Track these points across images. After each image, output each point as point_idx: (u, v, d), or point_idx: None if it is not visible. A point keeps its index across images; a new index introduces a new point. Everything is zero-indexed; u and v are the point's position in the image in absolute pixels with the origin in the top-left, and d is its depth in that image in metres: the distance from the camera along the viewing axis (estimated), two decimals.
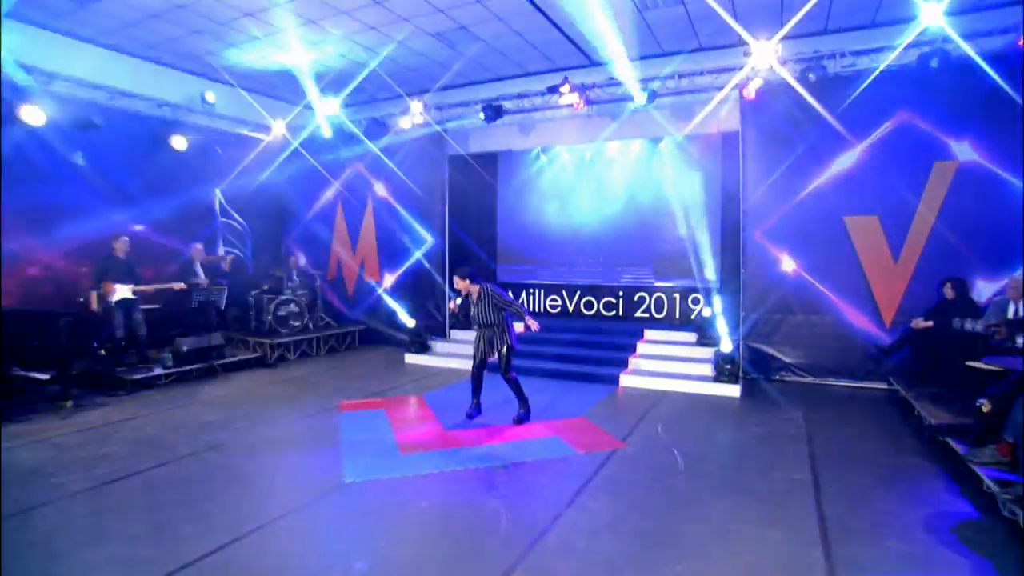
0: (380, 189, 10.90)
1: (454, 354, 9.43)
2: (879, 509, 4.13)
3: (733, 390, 7.27)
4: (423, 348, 9.66)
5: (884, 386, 7.40)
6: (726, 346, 7.47)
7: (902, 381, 6.90)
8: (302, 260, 11.40)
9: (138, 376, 7.37)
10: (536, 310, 10.60)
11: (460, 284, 5.89)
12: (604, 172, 10.27)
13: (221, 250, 10.47)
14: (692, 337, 8.65)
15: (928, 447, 5.36)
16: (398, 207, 10.67)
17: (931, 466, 4.92)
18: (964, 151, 6.84)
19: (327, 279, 11.45)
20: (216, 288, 8.58)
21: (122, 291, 7.39)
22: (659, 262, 9.81)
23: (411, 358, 9.56)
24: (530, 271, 10.86)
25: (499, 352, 6.02)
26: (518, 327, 6.16)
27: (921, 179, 7.07)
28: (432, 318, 10.36)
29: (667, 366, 8.04)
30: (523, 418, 6.24)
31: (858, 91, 7.11)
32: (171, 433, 5.76)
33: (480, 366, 6.21)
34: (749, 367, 7.95)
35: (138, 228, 9.03)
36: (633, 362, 8.29)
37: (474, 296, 5.96)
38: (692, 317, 9.43)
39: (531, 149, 10.83)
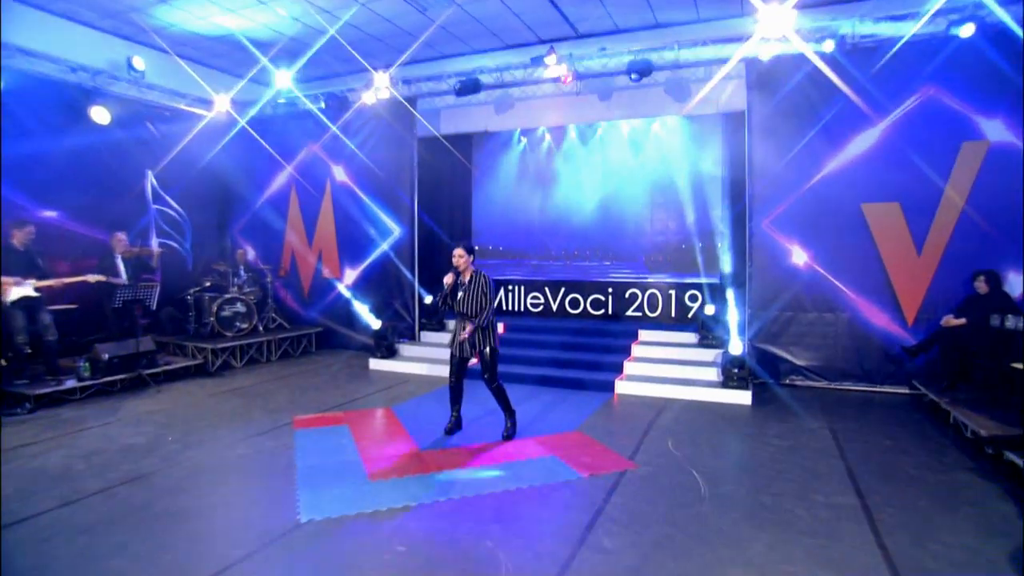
0: (340, 173, 10.08)
1: (425, 359, 8.72)
2: (951, 542, 3.61)
3: (743, 397, 6.79)
4: (390, 352, 8.91)
5: (905, 390, 7.06)
6: (735, 348, 6.96)
7: (930, 385, 6.51)
8: (251, 253, 10.50)
9: (44, 390, 6.41)
10: (516, 309, 9.99)
11: (460, 259, 5.25)
12: (591, 156, 9.71)
13: (154, 242, 9.48)
14: (692, 338, 8.18)
15: (977, 461, 4.92)
16: (361, 194, 9.88)
17: (990, 485, 4.46)
18: (996, 130, 6.49)
19: (279, 275, 10.56)
20: (145, 285, 7.63)
21: (20, 289, 6.41)
22: (653, 256, 9.31)
23: (376, 364, 8.80)
24: (509, 266, 10.25)
25: (482, 354, 5.33)
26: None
27: (948, 161, 6.71)
28: (400, 318, 9.60)
29: (667, 370, 7.55)
30: (511, 433, 5.59)
31: (880, 64, 6.72)
32: (81, 462, 4.88)
33: (459, 371, 5.56)
34: (756, 370, 7.49)
35: (49, 215, 8.00)
36: (629, 367, 7.74)
37: (466, 277, 5.28)
38: (689, 316, 8.98)
39: (510, 131, 10.20)
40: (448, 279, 5.34)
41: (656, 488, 4.47)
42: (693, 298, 9.00)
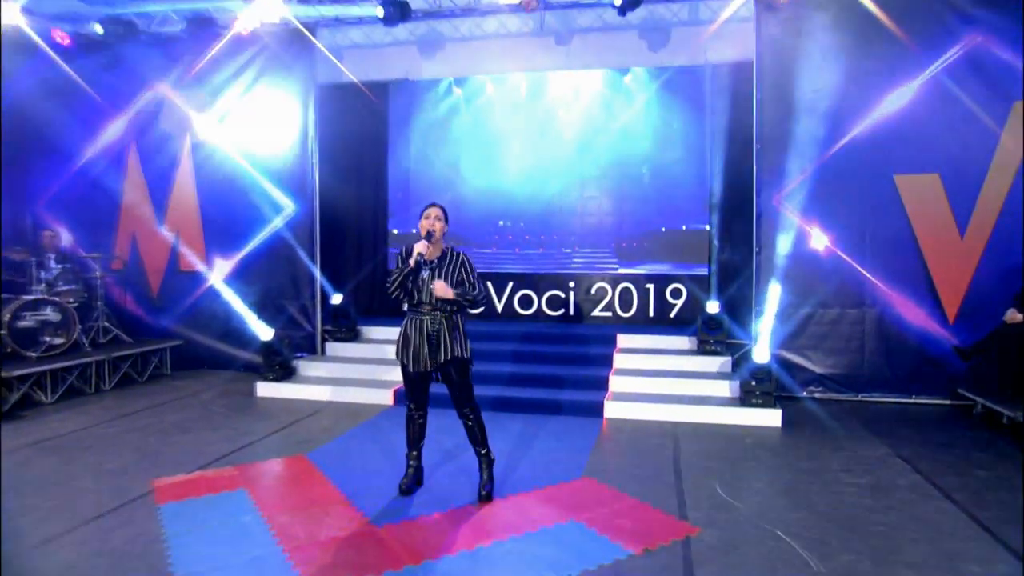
0: (206, 126, 8.15)
1: (335, 379, 7.17)
2: None
3: (771, 417, 6.02)
4: (286, 373, 7.20)
5: (946, 400, 6.61)
6: (760, 355, 6.10)
7: (986, 395, 6.00)
8: (65, 237, 8.22)
9: None
10: None
11: (437, 224, 4.10)
12: (546, 117, 8.63)
13: None
14: (687, 343, 7.38)
15: None
16: (237, 156, 8.03)
17: None
18: None
19: (113, 267, 8.40)
20: None
21: None
22: (626, 241, 8.37)
23: (267, 389, 7.07)
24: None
25: (451, 367, 4.10)
26: None
27: (996, 123, 6.28)
28: (297, 326, 7.89)
29: (664, 385, 6.67)
30: (491, 489, 4.29)
31: (916, 6, 6.16)
32: None
33: (421, 393, 4.28)
34: (785, 383, 6.83)
35: None
36: (615, 382, 6.74)
37: (436, 252, 4.11)
38: (672, 315, 8.26)
39: (439, 80, 8.83)
40: (420, 247, 3.96)
41: (746, 565, 3.42)
42: (676, 293, 8.25)
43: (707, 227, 8.12)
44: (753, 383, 6.13)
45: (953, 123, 6.36)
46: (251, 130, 8.01)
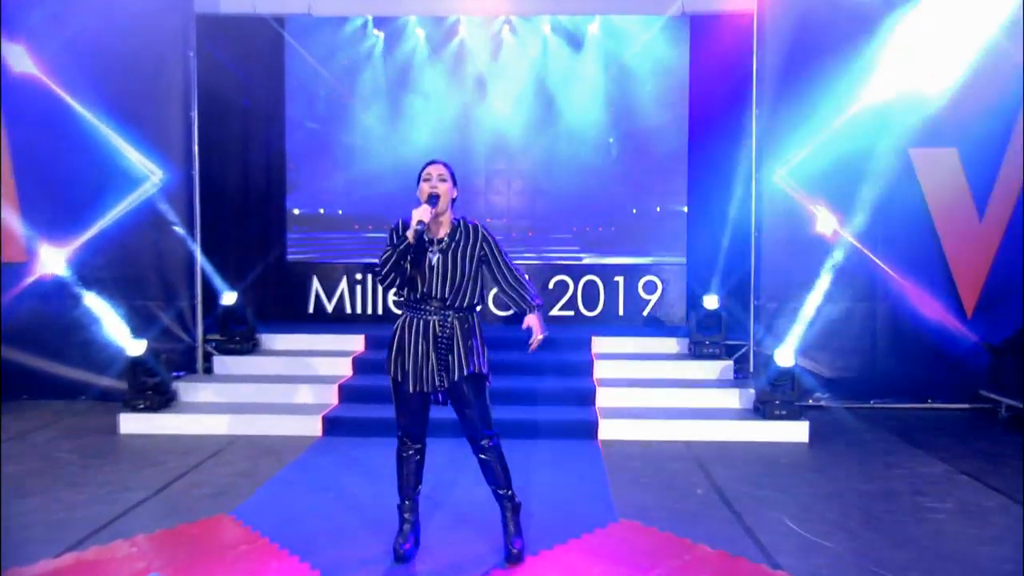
0: (24, 60, 6.72)
1: (237, 406, 6.23)
2: None
3: (796, 430, 5.88)
4: (162, 400, 6.05)
5: (965, 404, 6.79)
6: (785, 358, 5.85)
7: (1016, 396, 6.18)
8: None
9: None
10: (371, 311, 7.98)
11: (442, 185, 3.41)
12: (493, 72, 8.15)
13: None
14: (675, 345, 7.18)
15: None
16: (76, 105, 6.69)
17: None
18: None
19: None
20: None
21: None
22: (589, 227, 8.03)
23: (135, 423, 5.93)
24: (355, 242, 8.14)
25: (463, 384, 3.44)
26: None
27: (1017, 91, 6.45)
28: (170, 336, 6.70)
29: (659, 398, 6.38)
30: (522, 548, 3.62)
31: None
32: None
33: (421, 421, 3.59)
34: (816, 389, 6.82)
35: None
36: (603, 395, 6.30)
37: (441, 231, 3.45)
38: (645, 312, 8.08)
39: (353, 18, 8.01)
40: (421, 213, 3.24)
41: None
42: (651, 287, 8.02)
43: (685, 208, 7.93)
44: (772, 391, 5.91)
45: (974, 89, 6.44)
46: (99, 67, 6.70)
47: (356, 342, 6.96)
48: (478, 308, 3.58)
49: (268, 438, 5.70)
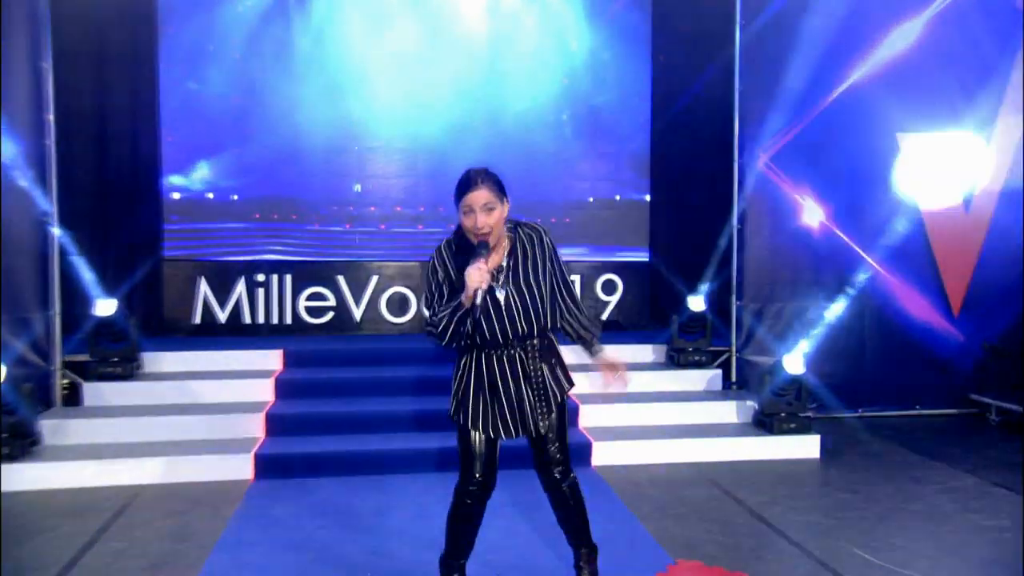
0: None
1: (127, 447, 5.43)
2: None
3: (807, 445, 5.97)
4: (22, 446, 5.18)
5: (952, 410, 7.17)
6: (795, 365, 5.92)
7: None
8: None
9: None
10: (279, 320, 7.57)
11: (480, 220, 2.98)
12: (423, 35, 7.78)
13: None
14: (650, 353, 7.14)
15: None
16: None
17: None
18: None
19: None
20: None
21: None
22: (541, 215, 7.80)
23: None
24: (255, 233, 7.62)
25: (549, 415, 3.20)
26: None
27: (1003, 74, 6.92)
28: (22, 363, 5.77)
29: (647, 414, 6.31)
30: None
31: None
32: None
33: (488, 458, 3.22)
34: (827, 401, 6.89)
35: None
36: (586, 413, 6.17)
37: (498, 257, 3.08)
38: (604, 316, 8.01)
39: None
40: (477, 276, 2.82)
41: None
42: (610, 287, 8.01)
43: (647, 197, 7.99)
44: (780, 402, 6.00)
45: (960, 68, 6.85)
46: None
47: (272, 359, 6.36)
48: None
49: (186, 486, 5.02)
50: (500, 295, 2.99)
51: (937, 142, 6.95)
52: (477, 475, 3.14)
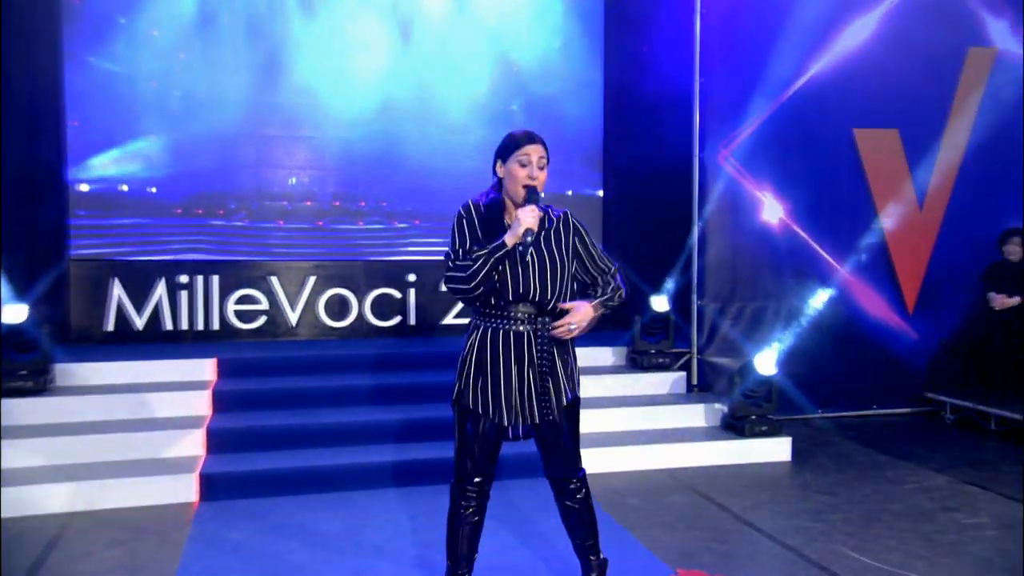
0: None
1: (51, 472, 5.09)
2: None
3: (778, 447, 6.18)
4: None
5: (906, 409, 7.54)
6: (764, 365, 6.08)
7: (970, 398, 7.02)
8: None
9: None
10: (197, 327, 7.27)
11: (535, 173, 3.15)
12: (368, 20, 7.61)
13: None
14: (610, 356, 7.25)
15: None
16: None
17: None
18: (1002, 34, 7.36)
19: None
20: None
21: None
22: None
23: None
24: (178, 229, 7.33)
25: (565, 412, 3.25)
26: None
27: (952, 73, 7.32)
28: None
29: (610, 420, 6.34)
30: None
31: None
32: None
33: (488, 454, 3.28)
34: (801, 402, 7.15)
35: None
36: None
37: (532, 218, 3.12)
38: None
39: None
40: (528, 219, 3.02)
41: None
42: None
43: (600, 193, 8.06)
44: (750, 404, 6.15)
45: (912, 64, 7.19)
46: None
47: (204, 369, 6.08)
48: None
49: (123, 512, 4.75)
50: (526, 252, 3.04)
51: (892, 138, 7.30)
52: (470, 463, 3.19)
